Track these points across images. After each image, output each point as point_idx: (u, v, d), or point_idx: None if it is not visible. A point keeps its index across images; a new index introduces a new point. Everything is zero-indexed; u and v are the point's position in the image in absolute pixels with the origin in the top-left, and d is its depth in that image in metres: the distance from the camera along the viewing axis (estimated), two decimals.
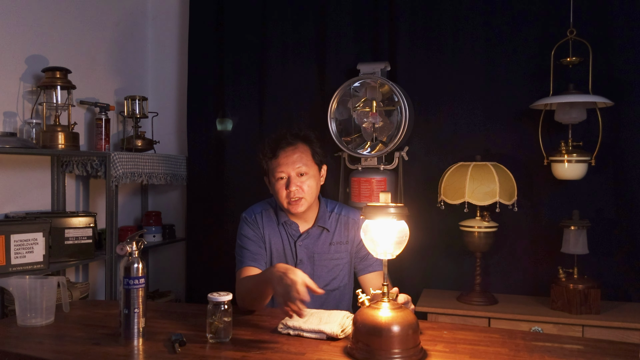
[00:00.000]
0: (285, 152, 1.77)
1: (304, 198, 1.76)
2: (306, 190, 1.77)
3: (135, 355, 1.30)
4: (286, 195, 1.76)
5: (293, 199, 1.76)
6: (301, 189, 1.76)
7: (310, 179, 1.78)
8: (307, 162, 1.79)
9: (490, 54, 2.45)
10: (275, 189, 1.79)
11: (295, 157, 1.77)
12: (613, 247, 2.31)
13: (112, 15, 2.90)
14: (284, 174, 1.76)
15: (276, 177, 1.78)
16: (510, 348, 1.32)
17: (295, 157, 1.77)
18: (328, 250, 1.85)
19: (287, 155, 1.77)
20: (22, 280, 1.54)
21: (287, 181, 1.76)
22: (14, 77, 2.33)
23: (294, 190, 1.75)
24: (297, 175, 1.76)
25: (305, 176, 1.77)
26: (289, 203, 1.77)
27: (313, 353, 1.29)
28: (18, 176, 2.36)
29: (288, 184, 1.75)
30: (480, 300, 2.25)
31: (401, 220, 1.31)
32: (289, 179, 1.76)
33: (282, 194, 1.77)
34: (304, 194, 1.76)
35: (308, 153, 1.81)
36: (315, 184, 1.81)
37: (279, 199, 1.79)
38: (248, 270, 1.77)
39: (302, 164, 1.77)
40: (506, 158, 2.37)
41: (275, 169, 1.78)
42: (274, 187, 1.79)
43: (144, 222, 2.96)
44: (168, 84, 3.17)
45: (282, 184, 1.77)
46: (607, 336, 2.01)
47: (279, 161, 1.77)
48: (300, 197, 1.76)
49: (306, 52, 2.72)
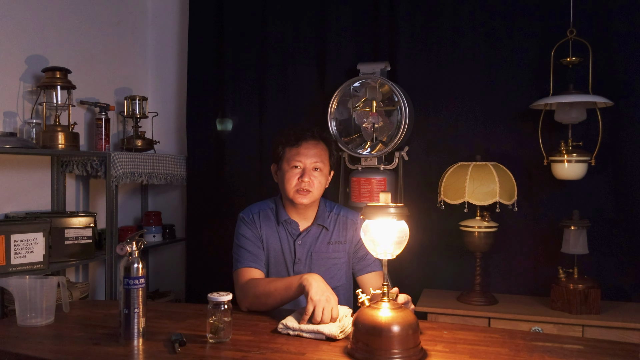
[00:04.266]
0: (308, 144, 1.83)
1: (311, 192, 1.80)
2: (316, 185, 1.81)
3: (135, 355, 1.30)
4: (296, 185, 1.80)
5: (302, 189, 1.79)
6: (312, 182, 1.80)
7: (322, 176, 1.84)
8: (324, 160, 1.84)
9: (490, 54, 2.45)
10: (286, 177, 1.81)
11: (315, 151, 1.82)
12: (613, 247, 2.31)
13: (112, 15, 2.90)
14: (301, 163, 1.81)
15: (291, 165, 1.81)
16: (510, 348, 1.33)
17: (315, 152, 1.82)
18: (326, 249, 1.87)
19: (308, 147, 1.82)
20: (22, 280, 1.54)
21: (301, 172, 1.80)
22: (14, 77, 2.33)
23: (306, 181, 1.79)
24: (313, 168, 1.81)
25: (319, 172, 1.82)
26: (297, 192, 1.79)
27: (313, 353, 1.29)
28: (18, 176, 2.36)
29: (302, 175, 1.80)
30: (480, 300, 2.25)
31: (401, 220, 1.31)
32: (303, 170, 1.80)
33: (292, 182, 1.80)
34: (313, 188, 1.80)
35: (326, 152, 1.87)
36: (324, 183, 1.86)
37: (286, 187, 1.81)
38: (249, 271, 1.77)
39: (320, 160, 1.82)
40: (506, 158, 2.37)
41: (293, 157, 1.81)
42: (285, 175, 1.82)
43: (144, 222, 2.96)
44: (168, 84, 3.17)
45: (296, 173, 1.80)
46: (607, 336, 2.00)
47: (300, 150, 1.81)
48: (309, 190, 1.80)
49: (306, 52, 2.72)
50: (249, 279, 1.74)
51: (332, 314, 1.45)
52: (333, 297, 1.48)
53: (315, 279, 1.54)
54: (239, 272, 1.78)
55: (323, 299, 1.46)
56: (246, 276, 1.76)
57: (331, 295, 1.48)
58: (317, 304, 1.44)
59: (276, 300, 1.63)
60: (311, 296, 1.47)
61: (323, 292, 1.48)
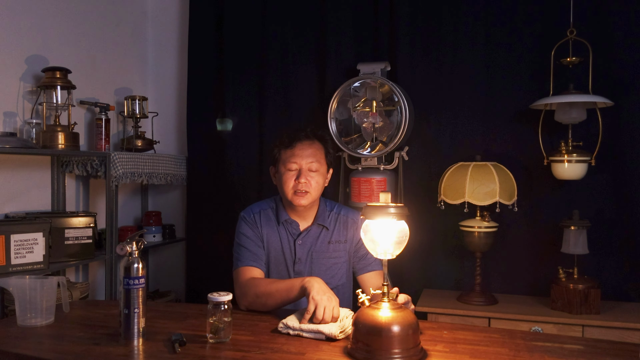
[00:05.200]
0: (302, 145, 1.82)
1: (309, 192, 1.80)
2: (313, 185, 1.80)
3: (135, 355, 1.30)
4: (293, 186, 1.79)
5: (300, 190, 1.79)
6: (309, 183, 1.80)
7: (319, 176, 1.83)
8: (320, 160, 1.83)
9: (491, 54, 2.45)
10: (283, 179, 1.81)
11: (310, 151, 1.81)
12: (613, 247, 2.31)
13: (112, 15, 2.90)
14: (296, 165, 1.80)
15: (287, 167, 1.81)
16: (510, 348, 1.33)
17: (310, 152, 1.81)
18: (327, 248, 1.87)
19: (302, 148, 1.81)
20: (22, 280, 1.54)
21: (297, 173, 1.80)
22: (14, 77, 2.33)
23: (302, 183, 1.78)
24: (308, 169, 1.80)
25: (315, 172, 1.82)
26: (295, 194, 1.79)
27: (313, 353, 1.29)
28: (18, 176, 2.36)
29: (298, 176, 1.79)
30: (480, 300, 2.25)
31: (401, 220, 1.31)
32: (299, 171, 1.80)
33: (289, 184, 1.80)
34: (310, 189, 1.80)
35: (322, 152, 1.86)
36: (322, 183, 1.85)
37: (284, 190, 1.81)
38: (249, 270, 1.78)
39: (315, 160, 1.81)
40: (506, 158, 2.37)
41: (288, 159, 1.81)
42: (282, 177, 1.81)
43: (144, 222, 2.96)
44: (168, 84, 3.17)
45: (292, 175, 1.80)
46: (607, 336, 2.00)
47: (294, 152, 1.81)
48: (307, 191, 1.79)
49: (306, 52, 2.72)
50: (249, 278, 1.74)
51: (333, 314, 1.45)
52: (334, 298, 1.49)
53: (317, 281, 1.54)
54: (239, 271, 1.79)
55: (325, 299, 1.46)
56: (246, 275, 1.76)
57: (332, 296, 1.49)
58: (318, 303, 1.45)
59: (277, 301, 1.63)
60: (313, 295, 1.47)
61: (325, 292, 1.49)
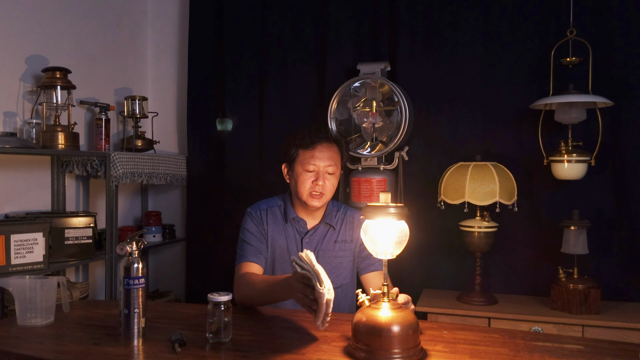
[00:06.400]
0: (322, 147, 1.82)
1: (325, 195, 1.81)
2: (329, 188, 1.82)
3: (135, 355, 1.30)
4: (310, 188, 1.80)
5: (316, 192, 1.80)
6: (325, 185, 1.81)
7: (335, 179, 1.84)
8: (337, 163, 1.85)
9: (490, 54, 2.45)
10: (300, 179, 1.81)
11: (329, 154, 1.82)
12: (613, 247, 2.31)
13: (112, 15, 2.90)
14: (315, 167, 1.81)
15: (305, 168, 1.81)
16: (510, 348, 1.32)
17: (329, 154, 1.82)
18: (333, 247, 1.88)
19: (323, 150, 1.82)
20: (22, 280, 1.54)
21: (315, 175, 1.80)
22: (14, 77, 2.33)
23: (320, 185, 1.79)
24: (326, 172, 1.81)
25: (332, 175, 1.83)
26: (311, 195, 1.80)
27: (313, 353, 1.29)
28: (18, 176, 2.36)
29: (316, 178, 1.80)
30: (480, 300, 2.25)
31: (401, 220, 1.31)
32: (317, 174, 1.80)
33: (306, 185, 1.80)
34: (326, 191, 1.81)
35: (339, 155, 1.87)
36: (336, 184, 1.87)
37: (300, 190, 1.81)
38: (249, 265, 1.79)
39: (333, 163, 1.83)
40: (506, 158, 2.37)
41: (308, 160, 1.81)
42: (299, 177, 1.81)
43: (144, 222, 2.96)
44: (168, 84, 3.17)
45: (310, 177, 1.80)
46: (607, 336, 2.00)
47: (315, 154, 1.81)
48: (322, 193, 1.81)
49: (306, 52, 2.72)
50: (244, 273, 1.76)
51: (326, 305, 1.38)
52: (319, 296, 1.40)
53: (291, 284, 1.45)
54: (240, 266, 1.81)
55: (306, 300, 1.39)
56: (243, 270, 1.78)
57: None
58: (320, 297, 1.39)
59: (270, 299, 1.63)
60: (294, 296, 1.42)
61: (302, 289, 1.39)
